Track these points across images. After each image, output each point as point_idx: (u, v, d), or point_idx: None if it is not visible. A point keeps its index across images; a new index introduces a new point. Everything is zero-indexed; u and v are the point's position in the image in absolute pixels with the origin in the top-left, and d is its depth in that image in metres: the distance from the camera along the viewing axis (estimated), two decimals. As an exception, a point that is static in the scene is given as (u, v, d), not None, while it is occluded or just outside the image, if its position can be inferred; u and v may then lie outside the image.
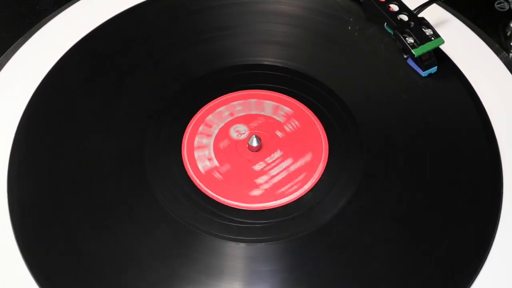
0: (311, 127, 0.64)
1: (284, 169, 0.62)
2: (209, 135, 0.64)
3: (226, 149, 0.63)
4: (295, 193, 0.60)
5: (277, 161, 0.62)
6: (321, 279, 0.55)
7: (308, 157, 0.62)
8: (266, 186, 0.60)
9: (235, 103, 0.66)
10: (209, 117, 0.65)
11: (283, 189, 0.60)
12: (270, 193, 0.60)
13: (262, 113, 0.65)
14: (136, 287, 0.55)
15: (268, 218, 0.58)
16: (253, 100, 0.66)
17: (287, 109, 0.65)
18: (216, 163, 0.62)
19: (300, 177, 0.61)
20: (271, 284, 0.55)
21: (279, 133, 0.64)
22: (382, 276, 0.55)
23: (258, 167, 0.62)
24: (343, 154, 0.62)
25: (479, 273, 0.55)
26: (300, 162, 0.62)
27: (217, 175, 0.61)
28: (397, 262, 0.56)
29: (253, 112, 0.65)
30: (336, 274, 0.55)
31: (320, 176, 0.61)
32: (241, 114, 0.65)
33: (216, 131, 0.64)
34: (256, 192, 0.60)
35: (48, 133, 0.63)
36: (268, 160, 0.62)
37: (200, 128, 0.64)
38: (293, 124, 0.64)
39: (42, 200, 0.59)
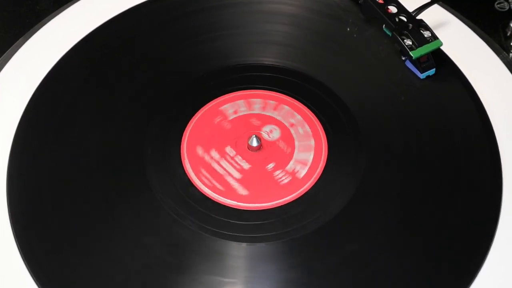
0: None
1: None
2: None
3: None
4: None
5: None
6: (322, 278, 0.55)
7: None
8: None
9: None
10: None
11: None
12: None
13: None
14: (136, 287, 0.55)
15: (267, 218, 0.58)
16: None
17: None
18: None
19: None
20: (272, 284, 0.55)
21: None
22: (382, 276, 0.55)
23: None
24: (342, 154, 0.62)
25: (479, 273, 0.55)
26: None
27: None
28: (397, 261, 0.56)
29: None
30: (336, 274, 0.55)
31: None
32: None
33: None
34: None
35: (48, 133, 0.63)
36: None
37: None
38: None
39: (42, 200, 0.59)
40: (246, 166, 0.62)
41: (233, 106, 0.65)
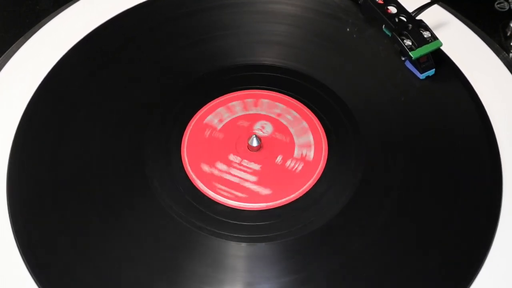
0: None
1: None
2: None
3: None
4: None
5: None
6: (322, 278, 0.55)
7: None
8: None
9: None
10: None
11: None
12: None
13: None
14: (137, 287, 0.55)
15: (269, 219, 0.58)
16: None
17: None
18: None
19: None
20: (272, 284, 0.55)
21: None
22: (382, 276, 0.55)
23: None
24: (343, 154, 0.62)
25: (479, 273, 0.55)
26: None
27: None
28: (397, 262, 0.56)
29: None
30: (336, 274, 0.55)
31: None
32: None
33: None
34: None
35: (48, 133, 0.63)
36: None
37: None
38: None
39: (42, 200, 0.59)
40: (256, 167, 0.62)
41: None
